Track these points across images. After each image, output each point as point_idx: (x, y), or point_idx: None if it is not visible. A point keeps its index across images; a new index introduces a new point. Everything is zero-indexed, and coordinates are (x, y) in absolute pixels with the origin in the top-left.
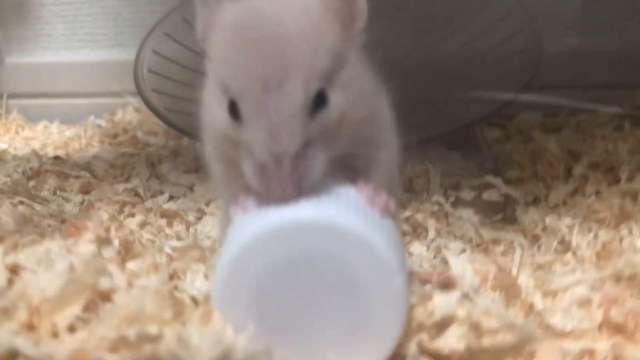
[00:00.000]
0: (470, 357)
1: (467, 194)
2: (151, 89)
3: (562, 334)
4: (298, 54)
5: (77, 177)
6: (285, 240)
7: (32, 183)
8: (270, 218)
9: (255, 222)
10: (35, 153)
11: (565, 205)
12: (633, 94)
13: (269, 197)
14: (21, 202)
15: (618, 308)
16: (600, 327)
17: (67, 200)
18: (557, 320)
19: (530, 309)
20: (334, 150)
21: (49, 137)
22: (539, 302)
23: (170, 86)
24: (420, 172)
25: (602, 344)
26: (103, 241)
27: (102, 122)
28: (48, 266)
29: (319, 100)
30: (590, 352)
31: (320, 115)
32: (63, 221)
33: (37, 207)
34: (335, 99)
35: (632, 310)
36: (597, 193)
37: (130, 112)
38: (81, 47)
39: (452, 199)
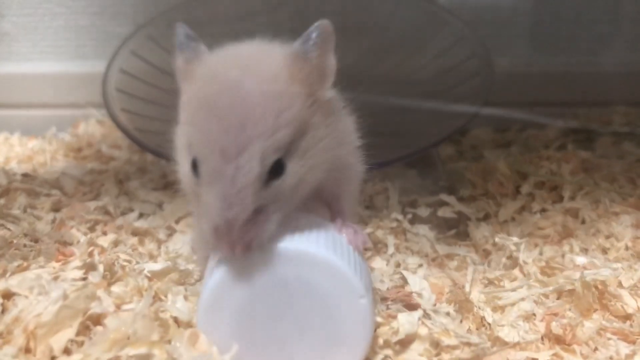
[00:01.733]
0: None
1: (423, 211)
2: (120, 108)
3: (509, 345)
4: (259, 127)
5: (48, 195)
6: (262, 268)
7: (2, 201)
8: None
9: None
10: (3, 170)
11: (513, 221)
12: (576, 112)
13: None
14: None
15: (558, 321)
16: (543, 338)
17: (38, 218)
18: (505, 332)
19: (481, 322)
20: (290, 208)
21: (11, 150)
22: (489, 316)
23: (138, 104)
24: (380, 190)
25: (544, 354)
26: (89, 267)
27: (66, 135)
28: (40, 292)
29: (276, 169)
30: None
31: (276, 183)
32: (36, 240)
33: (10, 226)
34: (293, 167)
35: (569, 323)
36: (543, 210)
37: (93, 125)
38: (42, 58)
39: (409, 216)
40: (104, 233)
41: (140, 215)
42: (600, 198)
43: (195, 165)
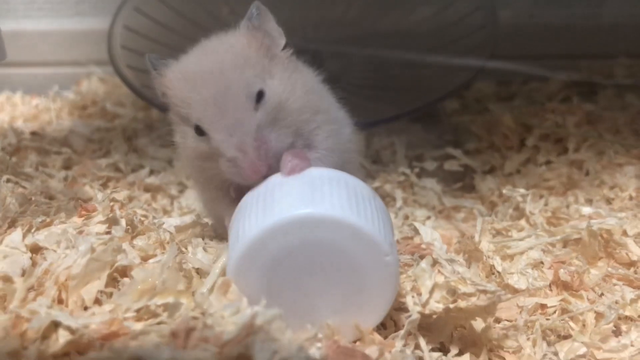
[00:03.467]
0: (447, 316)
1: (430, 165)
2: (126, 65)
3: (518, 292)
4: (233, 77)
5: (58, 153)
6: (290, 233)
7: (14, 159)
8: (273, 215)
9: (261, 219)
10: (12, 129)
11: (518, 173)
12: (579, 64)
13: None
14: (9, 180)
15: (565, 268)
16: (551, 285)
17: (50, 176)
18: (514, 280)
19: (490, 270)
20: (290, 132)
21: (15, 109)
22: (498, 264)
23: (142, 61)
24: (386, 144)
25: (552, 300)
26: (112, 221)
27: (69, 93)
28: (67, 246)
29: (260, 96)
30: (543, 306)
31: (263, 104)
32: (51, 197)
33: (25, 184)
34: (271, 92)
35: (577, 270)
36: (547, 162)
37: (95, 82)
38: (40, 15)
39: (416, 169)
40: (116, 190)
41: (151, 172)
42: (604, 150)
43: (198, 129)
